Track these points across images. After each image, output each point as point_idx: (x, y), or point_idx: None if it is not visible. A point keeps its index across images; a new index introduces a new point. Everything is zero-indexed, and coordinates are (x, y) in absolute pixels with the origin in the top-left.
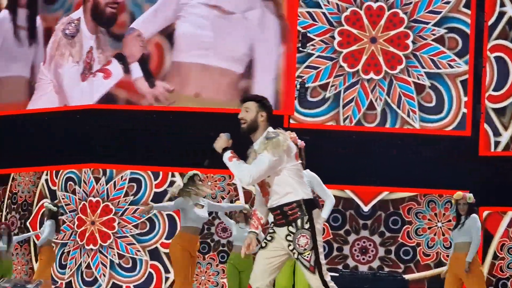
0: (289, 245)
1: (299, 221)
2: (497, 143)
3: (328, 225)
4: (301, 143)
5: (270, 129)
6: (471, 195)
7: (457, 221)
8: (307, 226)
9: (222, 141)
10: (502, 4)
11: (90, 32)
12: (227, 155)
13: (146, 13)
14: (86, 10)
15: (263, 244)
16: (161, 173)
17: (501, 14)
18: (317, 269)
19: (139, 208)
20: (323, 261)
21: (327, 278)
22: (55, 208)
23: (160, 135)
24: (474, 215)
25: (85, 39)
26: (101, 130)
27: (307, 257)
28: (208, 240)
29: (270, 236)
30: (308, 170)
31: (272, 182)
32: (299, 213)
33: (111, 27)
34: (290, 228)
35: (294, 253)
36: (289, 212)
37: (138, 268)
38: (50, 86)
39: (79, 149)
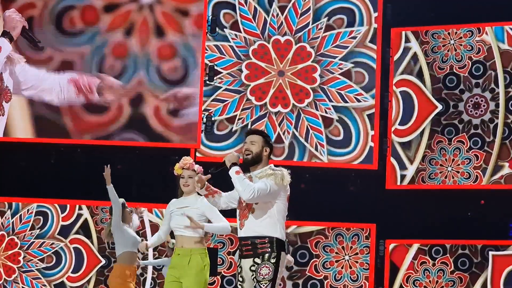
0: (252, 275)
1: (266, 255)
2: (403, 177)
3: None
4: (199, 167)
5: (272, 166)
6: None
7: None
8: (273, 260)
9: (233, 157)
10: (407, 40)
11: None
12: (235, 169)
13: None
14: None
15: (239, 287)
16: (68, 206)
17: (406, 50)
18: None
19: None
20: None
21: None
22: None
23: (67, 168)
24: None
25: None
26: (6, 163)
27: (264, 285)
28: None
29: (241, 277)
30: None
31: (257, 209)
32: (268, 249)
33: None
34: (256, 259)
35: (253, 282)
36: (260, 245)
37: None
38: None
39: None
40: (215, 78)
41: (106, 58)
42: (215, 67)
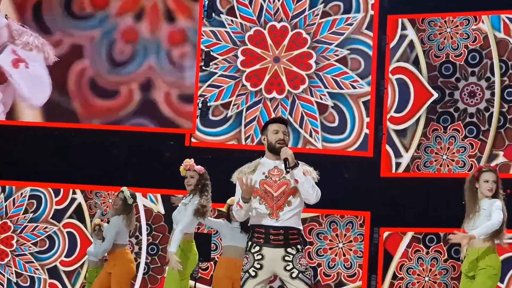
0: (287, 265)
1: (299, 246)
2: (398, 164)
3: None
4: (200, 168)
5: None
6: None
7: None
8: (303, 252)
9: (291, 153)
10: (404, 28)
11: None
12: (302, 169)
13: None
14: None
15: (252, 274)
16: (61, 190)
17: (403, 37)
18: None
19: None
20: None
21: None
22: None
23: (61, 152)
24: None
25: None
26: (0, 146)
27: (309, 275)
28: None
29: (258, 263)
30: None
31: (292, 202)
32: (298, 240)
33: None
34: (289, 249)
35: (292, 272)
36: (291, 236)
37: (36, 287)
38: None
39: None
40: (210, 63)
41: (116, 43)
42: (211, 53)
